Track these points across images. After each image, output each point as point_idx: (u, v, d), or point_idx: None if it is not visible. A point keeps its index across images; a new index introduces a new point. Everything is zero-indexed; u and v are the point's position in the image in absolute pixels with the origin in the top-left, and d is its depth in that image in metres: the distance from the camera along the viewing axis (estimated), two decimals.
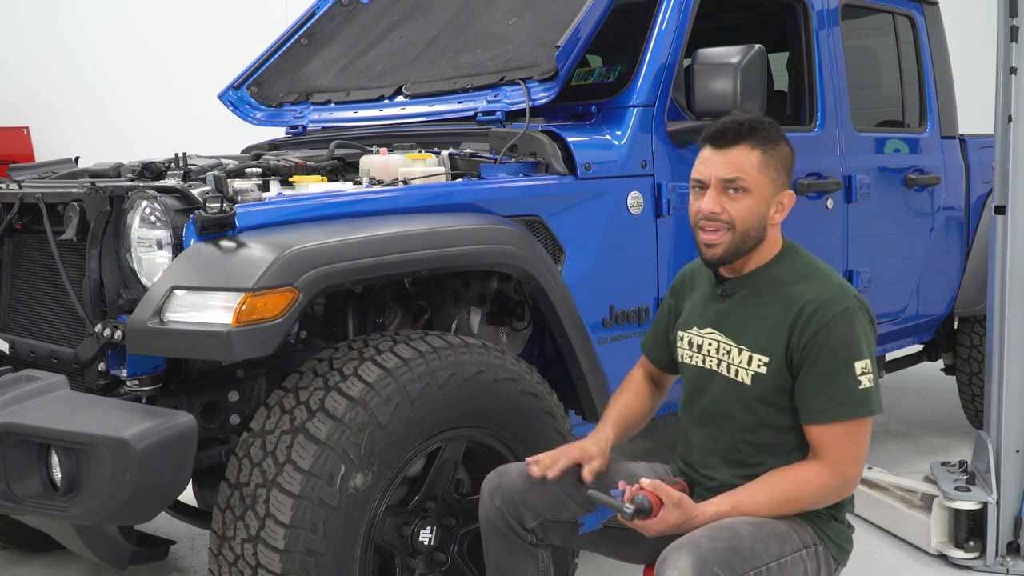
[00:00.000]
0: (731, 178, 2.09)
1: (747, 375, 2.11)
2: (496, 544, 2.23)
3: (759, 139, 2.10)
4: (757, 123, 2.11)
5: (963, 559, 3.33)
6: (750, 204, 2.10)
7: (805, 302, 2.07)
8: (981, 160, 4.43)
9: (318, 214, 2.38)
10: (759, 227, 2.12)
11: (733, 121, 2.12)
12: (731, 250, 2.12)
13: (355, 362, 2.29)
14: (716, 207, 2.10)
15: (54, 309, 2.60)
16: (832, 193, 3.66)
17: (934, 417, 5.25)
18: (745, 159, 2.09)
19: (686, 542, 1.91)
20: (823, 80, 3.68)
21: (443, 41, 3.51)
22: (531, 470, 2.17)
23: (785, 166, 2.15)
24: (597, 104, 3.14)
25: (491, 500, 2.21)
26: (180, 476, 2.10)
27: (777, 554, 1.97)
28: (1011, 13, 3.25)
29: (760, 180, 2.10)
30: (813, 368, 2.03)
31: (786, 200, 2.15)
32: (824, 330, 2.03)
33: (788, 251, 2.19)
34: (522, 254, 2.59)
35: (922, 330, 4.43)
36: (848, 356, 2.02)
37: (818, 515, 2.10)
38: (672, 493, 1.98)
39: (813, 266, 2.16)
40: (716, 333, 2.19)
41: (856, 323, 2.05)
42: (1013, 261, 3.27)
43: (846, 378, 2.01)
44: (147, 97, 7.63)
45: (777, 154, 2.12)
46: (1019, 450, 3.28)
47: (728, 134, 2.10)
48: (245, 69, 3.88)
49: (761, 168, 2.10)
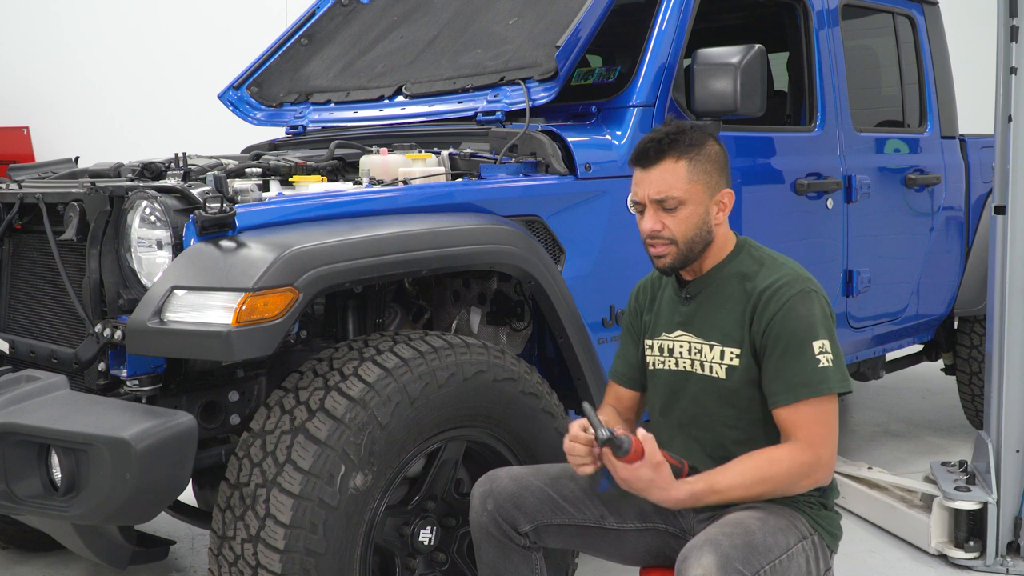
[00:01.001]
0: (661, 198, 2.11)
1: (721, 369, 2.14)
2: (489, 549, 2.21)
3: (680, 149, 2.11)
4: (676, 134, 2.12)
5: (963, 559, 3.33)
6: (687, 215, 2.12)
7: (763, 288, 2.10)
8: (981, 160, 4.43)
9: (318, 214, 2.38)
10: (702, 232, 2.14)
11: (652, 139, 2.13)
12: (680, 259, 2.16)
13: (355, 362, 2.29)
14: (656, 225, 2.13)
15: (54, 309, 2.60)
16: (832, 193, 3.66)
17: (934, 417, 5.25)
18: (671, 174, 2.11)
19: (704, 540, 1.92)
20: (823, 80, 3.68)
21: (443, 41, 3.51)
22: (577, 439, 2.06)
23: (717, 167, 2.15)
24: (597, 104, 3.14)
25: (483, 505, 2.19)
26: (180, 476, 2.09)
27: (784, 547, 1.99)
28: (1011, 13, 3.25)
29: (691, 189, 2.11)
30: (774, 352, 2.06)
31: (726, 199, 2.17)
32: (781, 312, 2.06)
33: (743, 245, 2.22)
34: (522, 254, 2.59)
35: (922, 330, 4.43)
36: (806, 336, 2.05)
37: (808, 504, 2.12)
38: (656, 452, 1.99)
39: (769, 255, 2.20)
40: (686, 334, 2.21)
41: (813, 304, 2.08)
42: (1013, 261, 3.27)
43: (804, 357, 2.04)
44: (147, 97, 7.64)
45: (704, 158, 2.13)
46: (1019, 450, 3.29)
47: (649, 153, 2.12)
48: (245, 69, 3.88)
49: (690, 178, 2.11)
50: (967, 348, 4.57)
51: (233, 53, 5.00)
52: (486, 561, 2.22)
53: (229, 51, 5.73)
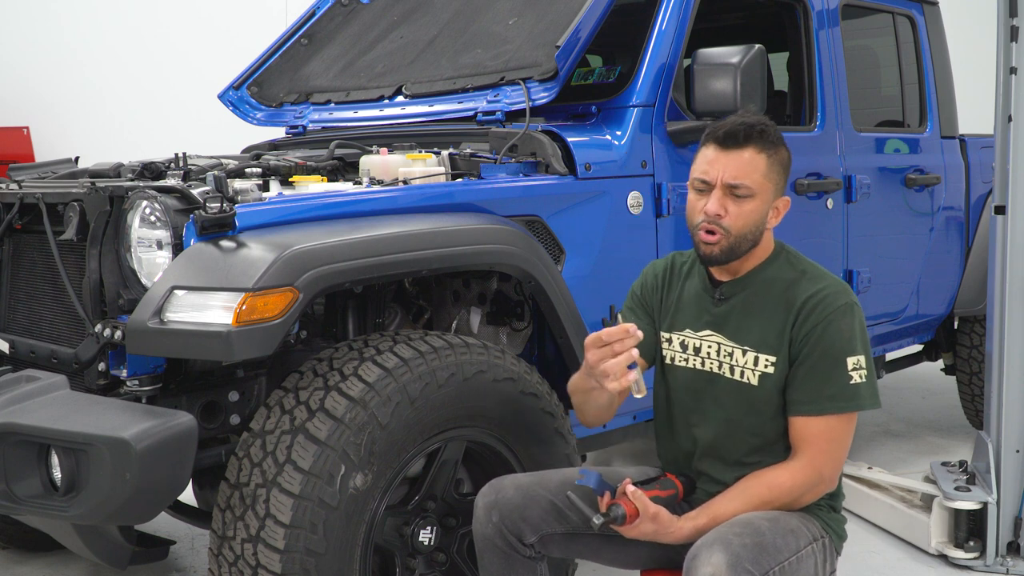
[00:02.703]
0: (738, 183, 2.07)
1: (753, 376, 2.12)
2: (493, 560, 2.19)
3: (766, 143, 2.09)
4: (765, 126, 2.10)
5: (963, 559, 3.33)
6: (752, 208, 2.09)
7: (807, 297, 2.09)
8: (981, 160, 4.43)
9: (318, 214, 2.38)
10: (756, 232, 2.11)
11: (743, 123, 2.08)
12: (726, 251, 2.11)
13: (355, 362, 2.29)
14: (720, 209, 2.08)
15: (54, 309, 2.60)
16: (832, 193, 3.66)
17: (934, 417, 5.25)
18: (753, 163, 2.08)
19: (715, 539, 1.92)
20: (823, 80, 3.68)
21: (443, 41, 3.51)
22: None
23: (786, 172, 2.15)
24: (597, 104, 3.14)
25: (488, 516, 2.17)
26: (180, 476, 2.09)
27: (795, 548, 1.98)
28: (1011, 13, 3.25)
29: (765, 185, 2.09)
30: (807, 360, 2.05)
31: (781, 206, 2.16)
32: (823, 323, 2.05)
33: (781, 251, 2.20)
34: (522, 254, 2.58)
35: (922, 330, 4.43)
36: (842, 351, 2.04)
37: (819, 507, 2.12)
38: (648, 506, 1.99)
39: (809, 264, 2.19)
40: (716, 335, 2.18)
41: (853, 319, 2.07)
42: (1013, 261, 3.27)
43: (837, 372, 2.03)
44: (147, 97, 7.63)
45: (779, 159, 2.12)
46: (1019, 450, 3.29)
47: (739, 136, 2.08)
48: (245, 69, 3.88)
49: (767, 173, 2.09)
50: (967, 348, 4.57)
51: (233, 53, 5.00)
52: (490, 571, 2.20)
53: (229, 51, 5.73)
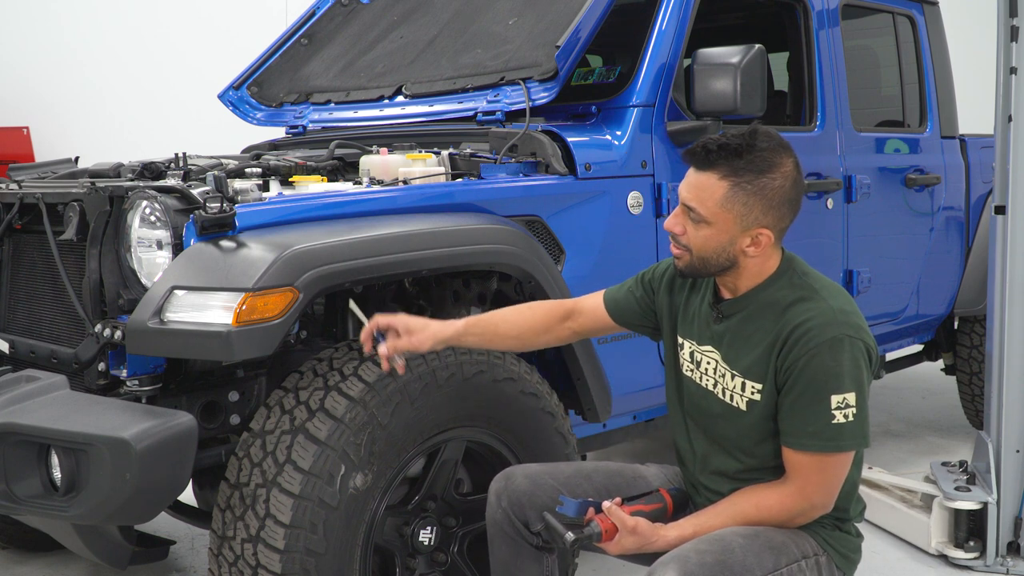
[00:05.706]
0: (691, 206, 1.95)
1: (742, 401, 2.02)
2: (501, 546, 2.22)
3: (731, 169, 1.91)
4: (736, 149, 1.90)
5: (963, 559, 3.33)
6: (707, 235, 1.95)
7: (794, 327, 1.93)
8: (981, 160, 4.43)
9: (318, 214, 2.38)
10: (720, 258, 1.97)
11: (711, 143, 1.92)
12: (692, 268, 2.02)
13: (355, 362, 2.29)
14: (676, 227, 2.00)
15: (54, 309, 2.60)
16: (832, 193, 3.66)
17: (934, 417, 5.25)
18: (708, 189, 1.92)
19: (673, 557, 1.87)
20: (823, 80, 3.68)
21: (443, 41, 3.51)
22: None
23: (764, 202, 1.92)
24: (597, 104, 3.14)
25: (498, 502, 2.20)
26: (180, 476, 2.09)
27: (771, 566, 1.90)
28: (1011, 13, 3.25)
29: (719, 215, 1.92)
30: (791, 392, 1.93)
31: (763, 239, 1.95)
32: (806, 357, 1.90)
33: (787, 269, 2.02)
34: (522, 254, 2.58)
35: (922, 330, 4.43)
36: (825, 388, 1.89)
37: (820, 524, 2.03)
38: (627, 521, 1.93)
39: (811, 286, 1.99)
40: (714, 352, 2.09)
41: (842, 354, 1.89)
42: (1013, 261, 3.27)
43: (819, 409, 1.90)
44: (147, 97, 7.63)
45: (754, 188, 1.91)
46: (1019, 450, 3.29)
47: (699, 156, 1.94)
48: (245, 69, 3.88)
49: (724, 203, 1.91)
50: (967, 348, 4.56)
51: (233, 53, 5.00)
52: (499, 558, 2.23)
53: (229, 51, 5.73)
